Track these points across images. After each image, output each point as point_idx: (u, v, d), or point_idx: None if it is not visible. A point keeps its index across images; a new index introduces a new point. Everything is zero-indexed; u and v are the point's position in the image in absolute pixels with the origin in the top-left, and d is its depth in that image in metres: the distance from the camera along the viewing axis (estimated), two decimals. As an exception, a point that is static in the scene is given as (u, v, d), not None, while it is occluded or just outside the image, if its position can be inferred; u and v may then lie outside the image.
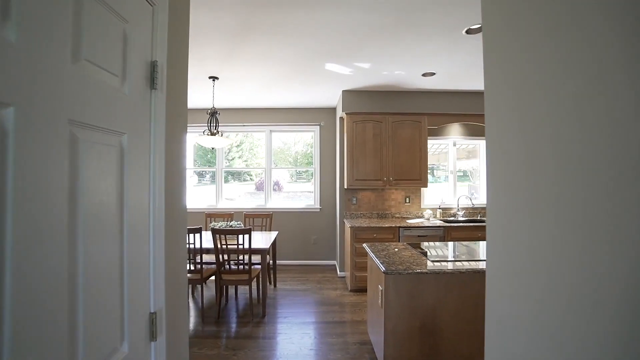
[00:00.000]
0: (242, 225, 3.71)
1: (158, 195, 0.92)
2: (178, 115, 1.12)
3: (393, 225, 3.81)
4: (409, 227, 3.81)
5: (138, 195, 0.85)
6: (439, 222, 4.01)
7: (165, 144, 0.97)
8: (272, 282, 4.09)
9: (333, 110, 5.12)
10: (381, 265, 1.97)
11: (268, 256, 3.73)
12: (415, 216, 4.46)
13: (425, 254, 2.33)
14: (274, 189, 5.34)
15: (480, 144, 4.67)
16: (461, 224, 3.90)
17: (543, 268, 0.66)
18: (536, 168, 0.68)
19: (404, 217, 4.43)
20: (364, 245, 2.59)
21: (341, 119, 4.56)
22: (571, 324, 0.59)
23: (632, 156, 0.48)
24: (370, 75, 3.53)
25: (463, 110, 4.21)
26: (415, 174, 4.17)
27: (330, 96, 4.41)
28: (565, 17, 0.61)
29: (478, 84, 3.84)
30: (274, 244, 3.99)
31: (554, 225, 0.63)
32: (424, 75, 3.49)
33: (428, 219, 4.25)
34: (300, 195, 5.34)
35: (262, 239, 3.54)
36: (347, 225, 3.95)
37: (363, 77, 3.58)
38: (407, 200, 4.48)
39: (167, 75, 0.98)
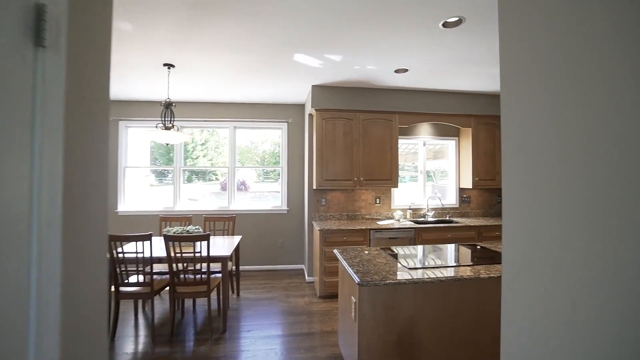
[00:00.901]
0: (202, 230, 3.35)
1: (49, 199, 0.64)
2: (91, 89, 0.83)
3: (364, 228, 3.66)
4: (380, 229, 3.69)
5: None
6: (409, 224, 3.93)
7: (66, 129, 0.68)
8: (235, 291, 3.77)
9: (302, 107, 4.89)
10: (355, 276, 1.78)
11: (230, 263, 3.41)
12: (386, 217, 4.36)
13: (395, 255, 2.19)
14: (240, 189, 5.00)
15: (449, 145, 4.70)
16: (431, 225, 3.85)
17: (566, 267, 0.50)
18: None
19: (374, 219, 4.31)
20: (335, 251, 2.39)
21: (310, 115, 4.34)
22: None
23: None
24: (342, 70, 3.35)
25: (434, 109, 4.18)
26: (386, 174, 4.06)
27: (299, 91, 4.18)
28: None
29: (450, 83, 3.81)
30: (237, 249, 3.67)
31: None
32: (396, 71, 3.37)
33: (398, 220, 4.17)
34: (267, 195, 5.05)
35: (223, 245, 3.21)
36: (316, 228, 3.74)
37: (334, 71, 3.39)
38: (378, 201, 4.37)
39: (70, 30, 0.69)
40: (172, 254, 2.64)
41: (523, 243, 0.67)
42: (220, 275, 3.00)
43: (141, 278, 2.81)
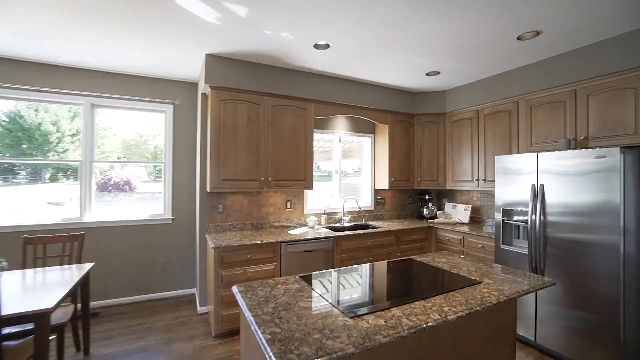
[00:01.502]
0: (4, 264, 2.01)
1: None
2: None
3: (273, 241, 2.91)
4: (293, 240, 3.01)
5: None
6: (325, 232, 3.37)
7: None
8: (82, 348, 2.51)
9: (194, 85, 3.80)
10: (270, 352, 1.02)
11: (72, 307, 2.19)
12: (298, 224, 3.72)
13: (324, 290, 1.54)
14: (125, 190, 3.59)
15: (364, 142, 4.37)
16: (349, 232, 3.39)
17: None
18: None
19: (284, 226, 3.61)
20: (235, 291, 1.58)
21: (204, 95, 3.33)
22: None
23: None
24: (247, 33, 2.51)
25: (353, 101, 3.74)
26: (299, 173, 3.41)
27: (189, 62, 3.13)
28: None
29: (372, 73, 3.39)
30: (84, 285, 2.42)
31: None
32: (316, 47, 2.74)
33: (313, 228, 3.58)
34: (159, 197, 3.74)
35: (46, 285, 1.98)
36: (210, 244, 2.79)
37: (237, 33, 2.52)
38: (289, 206, 3.69)
39: None
40: None
41: None
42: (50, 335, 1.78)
43: None
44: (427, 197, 4.33)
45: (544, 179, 2.61)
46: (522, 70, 3.20)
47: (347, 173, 4.29)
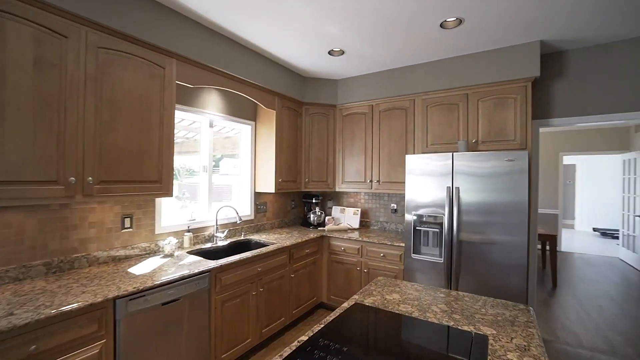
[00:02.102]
0: None
1: None
2: None
3: (94, 301, 1.50)
4: (139, 291, 1.68)
5: None
6: (193, 260, 2.17)
7: None
8: None
9: None
10: None
11: None
12: (147, 252, 2.31)
13: None
14: None
15: (242, 131, 3.32)
16: (232, 258, 2.31)
17: None
18: None
19: (119, 259, 2.14)
20: None
21: None
22: None
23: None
24: None
25: (233, 68, 2.67)
26: (150, 170, 2.05)
27: None
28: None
29: (264, 35, 2.42)
30: None
31: None
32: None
33: (172, 255, 2.28)
34: None
35: None
36: None
37: None
38: (127, 224, 2.21)
39: None
40: None
41: None
42: None
43: None
44: (313, 201, 3.76)
45: (459, 181, 2.47)
46: (420, 67, 3.08)
47: (218, 171, 3.13)
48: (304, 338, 1.16)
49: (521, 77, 2.60)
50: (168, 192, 2.14)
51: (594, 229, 8.26)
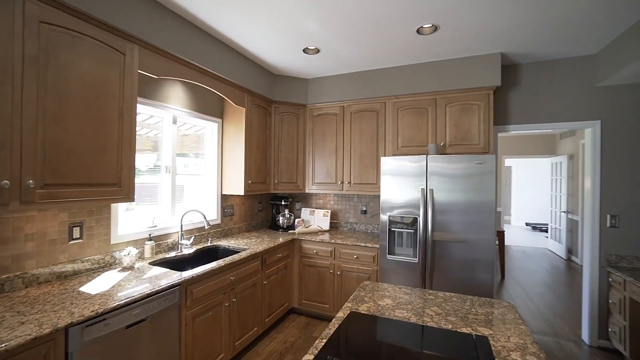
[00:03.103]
0: None
1: None
2: None
3: (34, 335, 1.24)
4: (99, 315, 1.43)
5: None
6: (158, 272, 1.93)
7: None
8: None
9: None
10: None
11: None
12: (101, 265, 1.99)
13: None
14: None
15: (208, 128, 3.07)
16: (203, 268, 2.10)
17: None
18: None
19: (66, 276, 1.81)
20: None
21: None
22: None
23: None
24: None
25: (205, 62, 2.46)
26: (107, 171, 1.76)
27: None
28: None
29: (237, 23, 2.24)
30: None
31: None
32: None
33: (132, 268, 2.00)
34: None
35: None
36: None
37: None
38: (76, 234, 1.89)
39: None
40: None
41: None
42: None
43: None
44: (282, 203, 3.63)
45: (433, 182, 2.55)
46: (393, 71, 3.13)
47: (180, 172, 2.84)
48: (310, 357, 1.07)
49: (485, 85, 2.77)
50: (129, 197, 1.87)
51: (527, 224, 9.32)
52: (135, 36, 1.88)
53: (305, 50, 2.77)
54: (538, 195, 9.30)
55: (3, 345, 1.11)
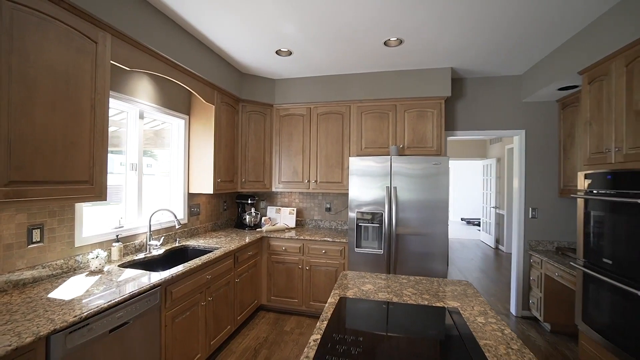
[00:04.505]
0: None
1: None
2: None
3: (16, 345, 1.15)
4: (82, 319, 1.35)
5: None
6: (131, 274, 1.85)
7: None
8: None
9: None
10: None
11: None
12: (63, 270, 1.83)
13: None
14: None
15: (174, 125, 2.94)
16: (179, 268, 2.06)
17: None
18: None
19: (22, 286, 1.65)
20: None
21: None
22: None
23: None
24: None
25: (177, 55, 2.39)
26: (77, 167, 1.64)
27: None
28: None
29: (212, 19, 2.22)
30: None
31: None
32: None
33: (102, 271, 1.88)
34: None
35: None
36: None
37: None
38: (36, 237, 1.72)
39: None
40: None
41: None
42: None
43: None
44: (249, 202, 3.62)
45: (396, 181, 2.81)
46: (359, 77, 3.35)
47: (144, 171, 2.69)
48: (317, 337, 1.18)
49: (438, 95, 3.14)
50: (101, 196, 1.76)
51: (462, 219, 10.48)
52: (108, 23, 1.77)
53: (278, 52, 2.84)
54: (471, 194, 10.52)
55: (-16, 356, 1.02)
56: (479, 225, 9.04)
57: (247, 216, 3.55)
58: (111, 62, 1.84)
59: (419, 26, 2.34)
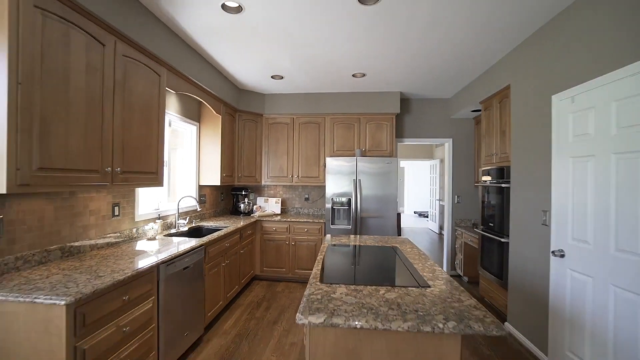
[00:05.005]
0: None
1: None
2: None
3: (151, 264, 1.93)
4: (174, 258, 2.14)
5: None
6: (177, 240, 2.63)
7: None
8: None
9: None
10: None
11: None
12: (129, 237, 2.55)
13: None
14: None
15: (187, 130, 3.67)
16: (215, 235, 2.86)
17: None
18: None
19: (112, 244, 2.37)
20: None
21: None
22: None
23: None
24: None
25: (204, 80, 3.16)
26: (151, 162, 2.40)
27: None
28: None
29: (230, 55, 3.03)
30: None
31: None
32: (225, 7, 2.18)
33: (154, 238, 2.64)
34: None
35: None
36: (60, 302, 1.37)
37: None
38: (116, 212, 2.44)
39: None
40: None
41: None
42: None
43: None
44: (243, 193, 4.43)
45: (361, 177, 3.83)
46: (332, 95, 4.32)
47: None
48: (318, 269, 2.11)
49: (391, 111, 4.22)
50: (161, 182, 2.52)
51: (414, 212, 11.99)
52: (165, 61, 2.54)
53: (273, 77, 3.70)
54: (422, 190, 12.07)
55: (133, 270, 1.80)
56: (427, 216, 10.54)
57: (242, 205, 4.35)
58: (166, 88, 2.60)
59: (378, 65, 3.36)
